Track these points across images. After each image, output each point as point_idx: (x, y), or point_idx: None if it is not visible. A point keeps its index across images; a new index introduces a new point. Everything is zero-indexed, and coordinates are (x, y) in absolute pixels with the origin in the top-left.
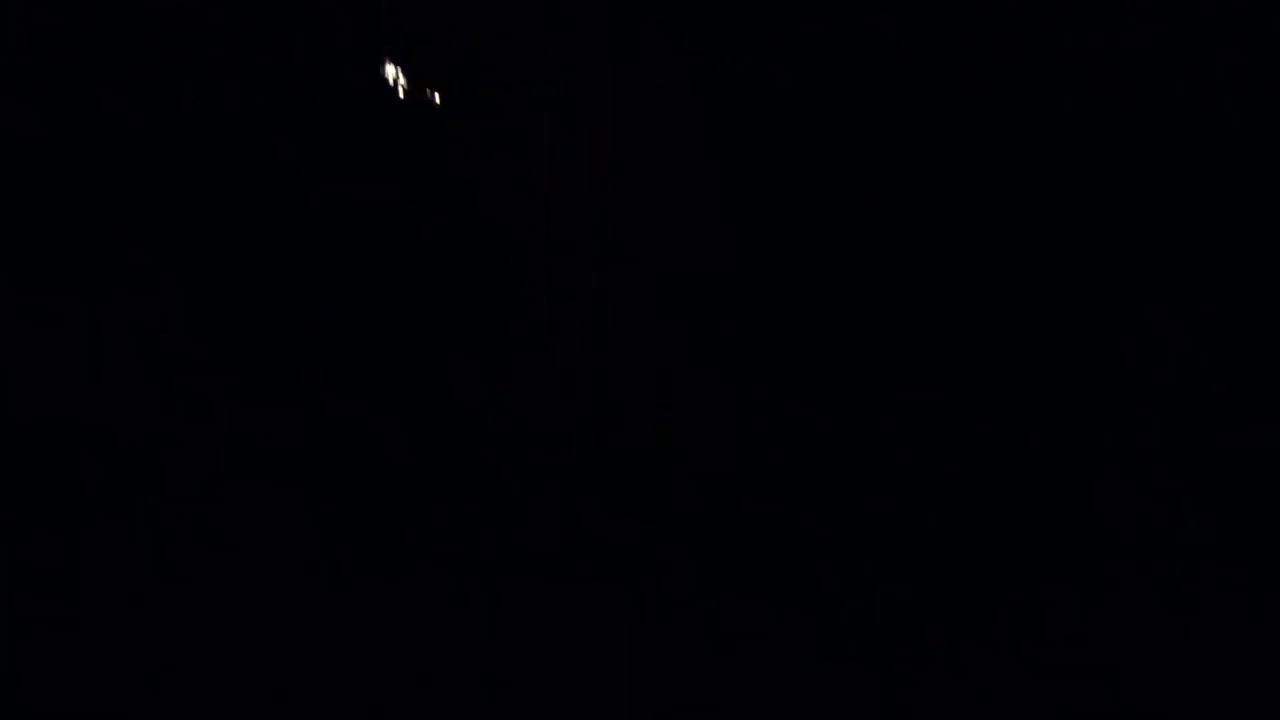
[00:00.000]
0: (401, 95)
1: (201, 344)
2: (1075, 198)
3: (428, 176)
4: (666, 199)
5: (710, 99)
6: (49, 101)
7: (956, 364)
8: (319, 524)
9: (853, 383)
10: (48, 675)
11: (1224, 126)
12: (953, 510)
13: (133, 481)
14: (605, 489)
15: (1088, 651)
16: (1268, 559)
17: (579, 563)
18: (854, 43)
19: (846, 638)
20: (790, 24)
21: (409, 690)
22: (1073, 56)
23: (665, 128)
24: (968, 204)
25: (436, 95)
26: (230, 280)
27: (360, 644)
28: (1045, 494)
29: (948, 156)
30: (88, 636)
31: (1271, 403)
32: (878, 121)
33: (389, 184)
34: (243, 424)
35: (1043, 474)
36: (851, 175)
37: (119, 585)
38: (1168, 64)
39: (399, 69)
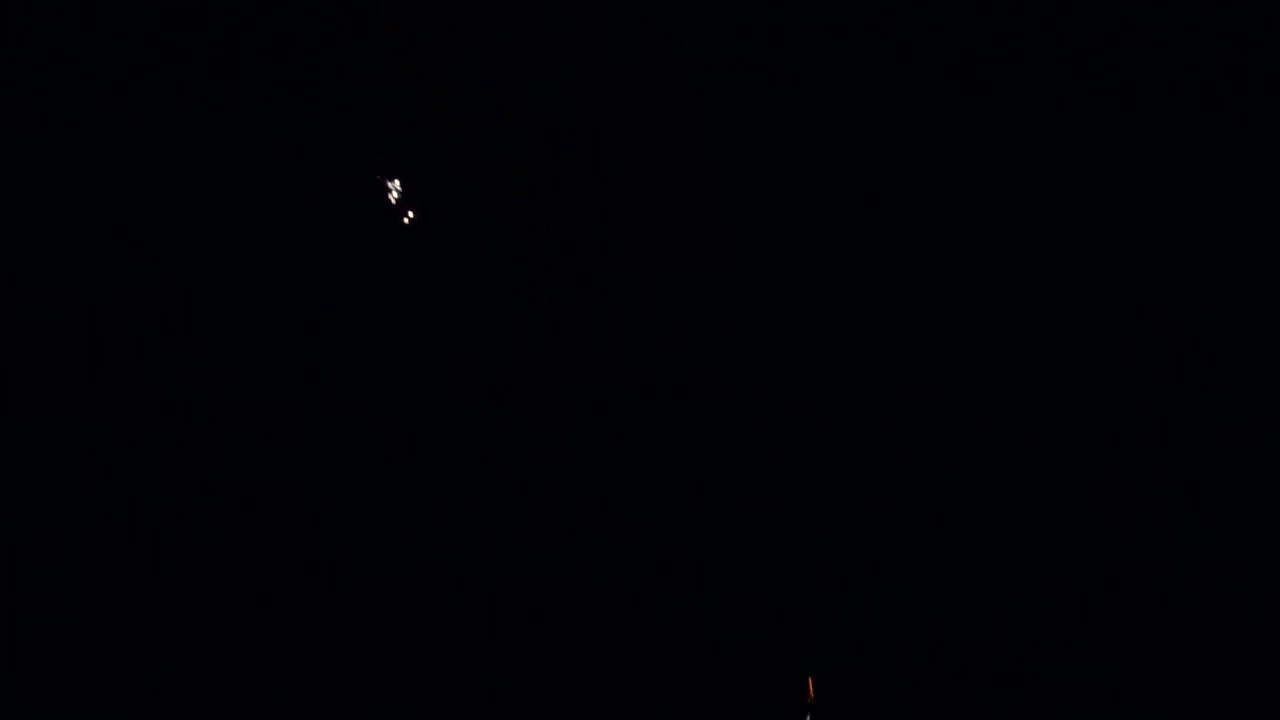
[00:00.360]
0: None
1: (201, 344)
2: (1075, 198)
3: (428, 176)
4: (666, 199)
5: (710, 99)
6: (49, 101)
7: (956, 364)
8: (319, 524)
9: (853, 383)
10: (48, 675)
11: (1224, 126)
12: (953, 510)
13: (133, 481)
14: (605, 489)
15: (1088, 651)
16: (1268, 559)
17: (579, 563)
18: (854, 43)
19: (846, 638)
20: (790, 24)
21: (409, 690)
22: (1073, 56)
23: (665, 128)
24: (967, 204)
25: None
26: (230, 280)
27: (360, 644)
28: (1045, 494)
29: (947, 157)
30: (88, 636)
31: (1271, 403)
32: (877, 121)
33: (388, 184)
34: (243, 424)
35: (1043, 474)
36: (851, 175)
37: (119, 585)
38: (1168, 64)
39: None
